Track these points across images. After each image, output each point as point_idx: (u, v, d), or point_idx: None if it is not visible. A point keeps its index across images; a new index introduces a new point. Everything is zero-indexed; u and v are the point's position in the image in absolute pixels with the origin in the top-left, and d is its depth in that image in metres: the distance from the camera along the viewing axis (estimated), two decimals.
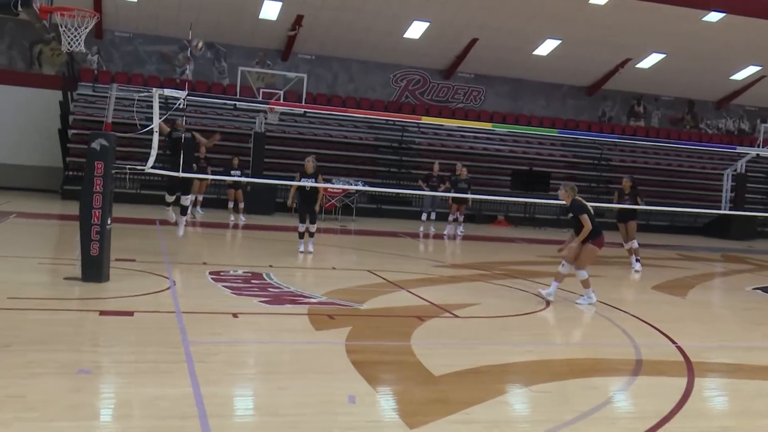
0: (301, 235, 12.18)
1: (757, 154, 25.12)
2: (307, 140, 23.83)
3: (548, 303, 9.11)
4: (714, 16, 23.00)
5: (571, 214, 9.22)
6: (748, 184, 26.03)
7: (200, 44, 12.62)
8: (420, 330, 7.30)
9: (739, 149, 24.05)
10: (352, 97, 26.22)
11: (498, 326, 7.97)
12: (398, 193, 22.29)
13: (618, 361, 6.65)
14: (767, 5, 21.13)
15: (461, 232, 18.28)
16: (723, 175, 26.18)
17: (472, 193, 18.04)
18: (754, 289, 12.47)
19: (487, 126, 23.51)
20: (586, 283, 9.12)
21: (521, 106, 28.13)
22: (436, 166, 19.28)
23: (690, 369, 6.46)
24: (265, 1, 22.83)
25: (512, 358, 6.48)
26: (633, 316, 8.75)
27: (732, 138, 30.04)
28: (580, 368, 6.34)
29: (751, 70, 27.62)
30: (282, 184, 15.31)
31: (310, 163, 12.00)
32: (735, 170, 25.80)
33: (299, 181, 11.92)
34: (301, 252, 12.12)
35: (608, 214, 17.92)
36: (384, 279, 10.35)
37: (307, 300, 8.43)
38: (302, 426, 4.46)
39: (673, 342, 7.49)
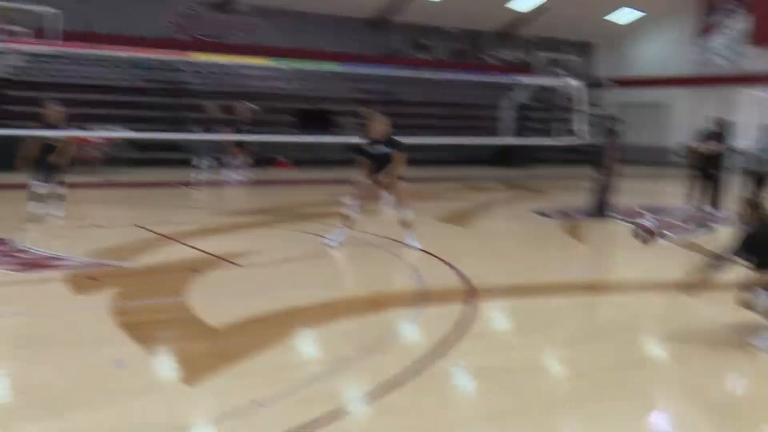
0: (37, 197, 10.82)
1: (536, 84, 27.07)
2: (61, 85, 22.14)
3: (337, 245, 9.31)
4: None
5: (383, 150, 9.06)
6: (529, 113, 28.05)
7: None
8: (197, 283, 7.18)
9: (519, 79, 25.85)
10: (115, 34, 24.59)
11: (283, 272, 8.01)
12: (171, 139, 21.48)
13: (402, 294, 7.00)
14: None
15: (243, 176, 18.09)
16: (505, 105, 28.04)
17: (253, 135, 17.82)
18: (532, 212, 13.59)
19: (266, 62, 23.18)
20: (410, 224, 9.21)
21: (304, 41, 27.93)
22: (213, 108, 18.85)
23: (474, 295, 6.94)
24: None
25: (298, 303, 6.56)
26: (418, 249, 9.17)
27: (513, 68, 31.95)
28: (365, 305, 6.60)
29: (533, 1, 29.38)
30: (28, 135, 14.14)
31: (53, 110, 10.93)
32: (516, 100, 27.73)
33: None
34: (42, 215, 10.81)
35: None
36: (155, 233, 9.93)
37: (65, 263, 7.94)
38: (65, 399, 4.26)
39: (458, 271, 7.98)
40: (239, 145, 17.79)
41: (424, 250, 9.05)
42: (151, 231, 10.12)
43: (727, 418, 4.28)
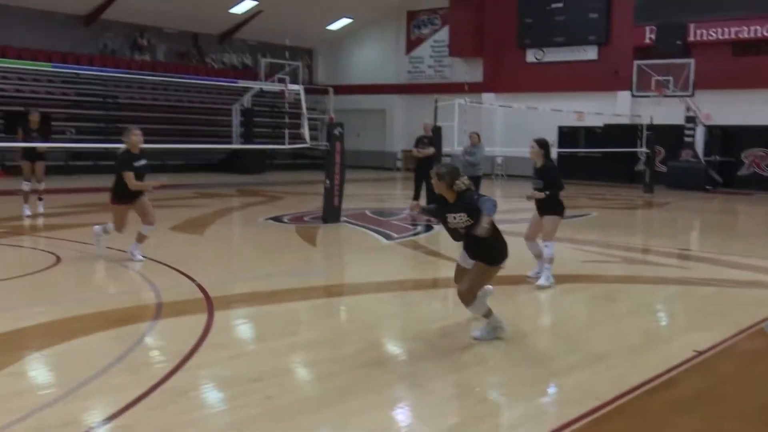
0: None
1: (261, 89, 27.30)
2: None
3: (59, 259, 8.77)
4: None
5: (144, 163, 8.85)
6: (256, 118, 28.26)
7: None
8: None
9: (242, 83, 25.87)
10: None
11: (3, 290, 7.37)
12: None
13: (138, 308, 6.76)
14: None
15: None
16: (231, 110, 27.99)
17: None
18: (266, 219, 13.74)
19: None
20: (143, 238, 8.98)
21: (8, 38, 25.67)
22: None
23: (210, 304, 6.90)
24: None
25: (22, 323, 6.10)
26: (151, 259, 8.92)
27: (237, 73, 31.97)
28: (99, 322, 6.28)
29: (248, 5, 29.52)
30: None
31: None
32: (242, 104, 27.76)
33: None
34: None
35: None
36: None
37: None
38: None
39: (193, 280, 7.87)
40: None
41: (159, 261, 8.83)
42: None
43: (450, 411, 4.69)
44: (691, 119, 24.34)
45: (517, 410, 4.60)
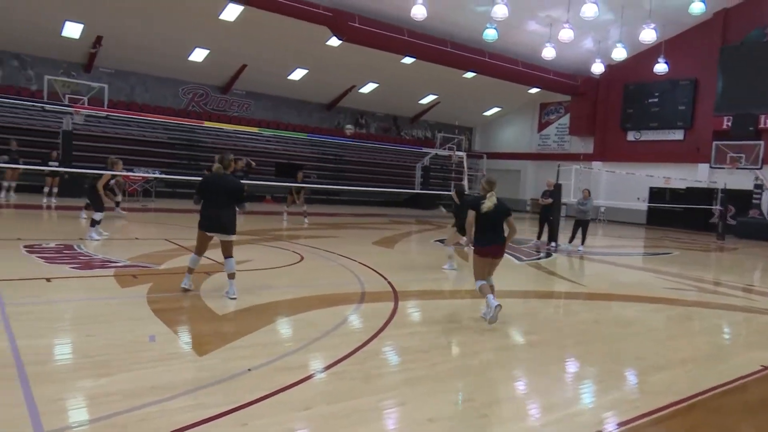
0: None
1: (436, 153, 27.50)
2: (111, 138, 21.39)
3: (302, 257, 9.18)
4: (408, 60, 24.57)
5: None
6: (432, 173, 28.41)
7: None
8: (208, 282, 6.98)
9: (424, 150, 26.20)
10: (148, 104, 23.97)
11: (267, 275, 7.84)
12: (191, 180, 20.92)
13: (349, 294, 6.91)
14: (443, 54, 22.94)
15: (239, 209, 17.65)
16: (416, 166, 28.35)
17: (249, 179, 17.49)
18: (434, 241, 13.70)
19: (255, 129, 22.93)
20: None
21: (281, 116, 27.81)
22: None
23: (396, 296, 6.94)
24: (66, 22, 19.88)
25: (277, 298, 6.43)
26: (359, 263, 9.13)
27: (421, 142, 32.48)
28: (324, 301, 6.47)
29: (431, 98, 29.99)
30: (90, 173, 13.56)
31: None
32: (423, 163, 28.04)
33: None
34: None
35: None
36: (179, 245, 9.65)
37: (113, 264, 7.62)
38: (111, 363, 4.06)
39: (385, 278, 7.97)
40: None
41: (364, 264, 9.01)
42: (176, 244, 9.80)
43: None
44: (759, 186, 21.62)
45: (611, 396, 4.22)
